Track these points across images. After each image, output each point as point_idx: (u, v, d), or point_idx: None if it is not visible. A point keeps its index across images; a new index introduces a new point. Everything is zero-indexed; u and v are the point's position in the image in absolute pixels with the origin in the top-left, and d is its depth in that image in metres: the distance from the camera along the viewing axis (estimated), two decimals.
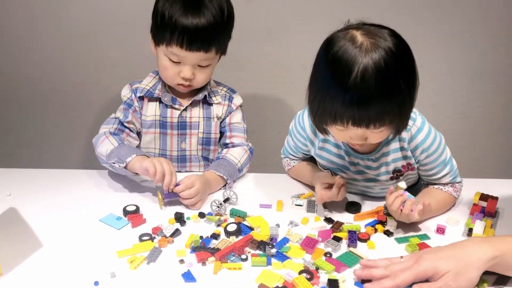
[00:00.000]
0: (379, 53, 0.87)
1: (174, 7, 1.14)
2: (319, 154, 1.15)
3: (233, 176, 1.23)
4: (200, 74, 1.23)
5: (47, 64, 1.84)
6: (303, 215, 1.09)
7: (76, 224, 1.04)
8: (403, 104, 0.92)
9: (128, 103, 1.29)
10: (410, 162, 1.09)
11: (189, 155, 1.35)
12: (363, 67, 0.86)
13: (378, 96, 0.88)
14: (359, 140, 0.97)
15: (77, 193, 1.17)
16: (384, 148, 1.08)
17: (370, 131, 0.93)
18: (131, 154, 1.13)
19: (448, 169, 1.10)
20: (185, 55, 1.17)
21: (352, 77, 0.86)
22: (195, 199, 1.11)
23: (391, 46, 0.88)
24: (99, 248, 0.96)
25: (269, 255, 0.92)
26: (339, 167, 1.14)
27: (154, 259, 0.92)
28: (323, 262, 0.89)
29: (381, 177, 1.12)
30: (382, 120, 0.91)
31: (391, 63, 0.87)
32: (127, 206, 1.08)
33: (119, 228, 1.03)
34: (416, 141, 1.05)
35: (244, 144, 1.33)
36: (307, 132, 1.15)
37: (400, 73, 0.89)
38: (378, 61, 0.86)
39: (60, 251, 0.95)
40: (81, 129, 1.94)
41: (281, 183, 1.25)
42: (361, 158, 1.10)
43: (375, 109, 0.88)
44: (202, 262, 0.90)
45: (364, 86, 0.86)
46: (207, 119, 1.32)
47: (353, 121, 0.91)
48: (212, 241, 0.98)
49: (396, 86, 0.89)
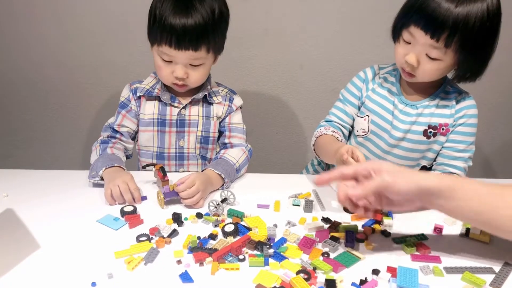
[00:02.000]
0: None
1: (164, 7, 1.16)
2: (370, 96, 1.25)
3: (231, 176, 1.23)
4: (193, 73, 1.23)
5: (45, 65, 1.85)
6: (300, 215, 1.09)
7: (73, 225, 1.04)
8: (478, 46, 1.02)
9: (123, 104, 1.31)
10: (448, 123, 1.17)
11: (187, 153, 1.35)
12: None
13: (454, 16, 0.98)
14: (414, 60, 1.06)
15: (75, 194, 1.17)
16: (433, 101, 1.19)
17: (432, 48, 1.03)
18: (102, 166, 1.17)
19: (467, 155, 1.21)
20: (175, 54, 1.18)
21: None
22: (196, 198, 1.11)
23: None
24: (96, 249, 0.96)
25: (266, 255, 0.92)
26: (385, 111, 1.23)
27: (152, 259, 0.92)
28: (320, 262, 0.89)
29: (416, 127, 1.19)
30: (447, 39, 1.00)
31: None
32: (125, 207, 1.08)
33: (117, 228, 1.03)
34: (464, 103, 1.18)
35: (243, 145, 1.33)
36: (368, 76, 1.27)
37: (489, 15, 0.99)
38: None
39: (58, 252, 0.94)
40: (79, 129, 1.94)
41: (279, 183, 1.25)
42: (409, 104, 1.20)
43: (446, 22, 0.98)
44: (200, 263, 0.90)
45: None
46: (206, 117, 1.32)
47: (424, 24, 1.01)
48: (210, 241, 0.98)
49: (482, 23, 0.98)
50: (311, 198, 1.16)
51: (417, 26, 1.05)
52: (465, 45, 1.01)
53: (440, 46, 1.02)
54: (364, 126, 1.26)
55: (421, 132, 1.19)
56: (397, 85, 1.22)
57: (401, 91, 1.21)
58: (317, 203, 1.15)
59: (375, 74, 1.26)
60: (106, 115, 1.33)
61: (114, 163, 1.19)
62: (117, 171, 1.17)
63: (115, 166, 1.18)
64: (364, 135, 1.26)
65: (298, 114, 1.87)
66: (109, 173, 1.16)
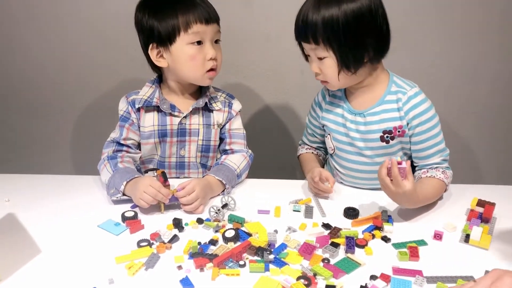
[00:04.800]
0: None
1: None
2: (325, 116, 1.29)
3: (232, 181, 1.24)
4: (218, 54, 1.26)
5: (41, 69, 1.85)
6: (301, 221, 1.09)
7: (74, 230, 1.04)
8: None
9: (124, 117, 1.29)
10: (401, 125, 1.17)
11: (187, 162, 1.34)
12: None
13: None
14: (314, 67, 1.16)
15: (76, 199, 1.18)
16: (379, 107, 1.19)
17: (314, 50, 1.13)
18: (122, 181, 1.15)
19: (440, 147, 1.19)
20: (205, 30, 1.20)
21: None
22: (195, 204, 1.11)
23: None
24: (97, 254, 0.96)
25: (267, 261, 0.92)
26: (338, 126, 1.26)
27: (152, 265, 0.92)
28: (320, 268, 0.89)
29: (371, 136, 1.20)
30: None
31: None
32: (126, 212, 1.09)
33: (117, 234, 1.03)
34: (411, 103, 1.16)
35: (243, 151, 1.33)
36: (319, 99, 1.33)
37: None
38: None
39: (59, 257, 0.95)
40: (79, 133, 1.94)
41: (279, 189, 1.26)
42: (357, 114, 1.21)
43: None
44: (200, 268, 0.91)
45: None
46: (207, 126, 1.32)
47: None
48: (210, 247, 0.98)
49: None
50: (311, 204, 1.16)
51: (298, 39, 1.16)
52: (330, 39, 1.09)
53: (315, 46, 1.11)
54: (330, 144, 1.30)
55: (378, 138, 1.20)
56: (343, 98, 1.25)
57: (349, 103, 1.23)
58: (318, 209, 1.15)
59: (324, 95, 1.30)
60: (102, 119, 1.33)
61: (134, 175, 1.17)
62: (137, 181, 1.14)
63: (135, 178, 1.16)
64: (333, 152, 1.30)
65: (299, 119, 1.88)
66: (130, 186, 1.14)
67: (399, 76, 1.23)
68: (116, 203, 1.16)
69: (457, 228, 1.05)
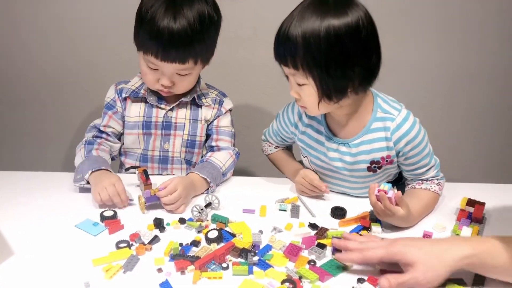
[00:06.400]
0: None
1: (153, 10, 1.10)
2: (301, 138, 1.18)
3: (217, 180, 1.20)
4: (180, 82, 1.20)
5: (27, 66, 1.79)
6: (287, 220, 1.06)
7: (50, 231, 1.00)
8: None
9: (109, 105, 1.28)
10: (390, 154, 1.09)
11: (171, 157, 1.31)
12: None
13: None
14: (294, 93, 1.04)
15: (53, 197, 1.13)
16: (365, 136, 1.08)
17: (292, 76, 1.02)
18: (88, 169, 1.12)
19: (433, 162, 1.12)
20: (161, 65, 1.15)
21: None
22: (177, 204, 1.07)
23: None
24: (73, 256, 0.92)
25: (251, 263, 0.88)
26: (318, 153, 1.16)
27: (131, 267, 0.88)
28: (306, 271, 0.86)
29: (358, 166, 1.11)
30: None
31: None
32: (104, 211, 1.04)
33: (96, 234, 0.99)
34: (401, 131, 1.05)
35: (230, 148, 1.30)
36: (294, 118, 1.19)
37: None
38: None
39: (32, 260, 0.90)
40: (60, 129, 1.89)
41: (266, 187, 1.23)
42: (341, 143, 1.11)
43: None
44: (181, 271, 0.87)
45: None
46: (194, 121, 1.29)
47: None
48: (192, 248, 0.94)
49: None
50: (298, 203, 1.13)
51: (277, 60, 1.05)
52: (309, 64, 0.96)
53: (294, 71, 0.99)
54: (307, 165, 1.21)
55: (365, 169, 1.11)
56: (323, 122, 1.13)
57: (329, 131, 1.13)
58: (304, 208, 1.12)
59: (301, 115, 1.17)
60: (86, 114, 1.29)
61: (101, 166, 1.14)
62: (104, 173, 1.12)
63: (101, 169, 1.13)
64: (313, 170, 1.21)
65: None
66: (95, 177, 1.11)
67: (382, 94, 1.11)
68: (93, 204, 1.11)
69: (446, 229, 1.03)
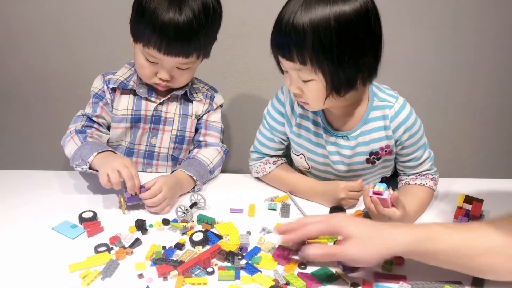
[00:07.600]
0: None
1: (158, 1, 1.05)
2: (296, 132, 1.11)
3: (203, 177, 1.15)
4: (179, 76, 1.15)
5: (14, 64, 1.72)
6: (276, 220, 1.01)
7: (25, 233, 0.94)
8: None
9: (99, 95, 1.21)
10: (389, 144, 1.06)
11: (157, 152, 1.26)
12: None
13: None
14: (294, 88, 0.98)
15: (29, 198, 1.07)
16: (364, 127, 1.05)
17: (297, 71, 0.94)
18: (92, 152, 1.05)
19: (427, 154, 1.10)
20: (163, 58, 1.10)
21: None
22: (162, 206, 1.02)
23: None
24: (49, 261, 0.86)
25: (238, 268, 0.83)
26: (317, 147, 1.10)
27: (110, 274, 0.83)
28: (294, 277, 0.81)
29: (356, 159, 1.08)
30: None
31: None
32: (83, 213, 0.99)
33: (74, 237, 0.94)
34: (400, 119, 1.03)
35: (218, 145, 1.25)
36: (286, 108, 1.11)
37: None
38: None
39: (4, 265, 0.85)
40: (43, 127, 1.82)
41: (254, 185, 1.18)
42: (339, 136, 1.06)
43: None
44: (163, 277, 0.82)
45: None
46: (184, 116, 1.24)
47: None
48: (176, 252, 0.89)
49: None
50: (288, 201, 1.08)
51: (276, 54, 0.96)
52: (317, 58, 0.90)
53: (299, 66, 0.92)
54: (303, 163, 1.15)
55: (363, 161, 1.07)
56: (320, 114, 1.07)
57: (326, 120, 1.07)
58: (295, 207, 1.07)
59: (293, 106, 1.10)
60: (72, 110, 1.23)
61: (106, 148, 1.08)
62: (112, 154, 1.06)
63: (108, 151, 1.06)
64: (306, 170, 1.16)
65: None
66: (102, 158, 1.03)
67: (375, 82, 1.06)
68: (72, 205, 1.05)
69: None
